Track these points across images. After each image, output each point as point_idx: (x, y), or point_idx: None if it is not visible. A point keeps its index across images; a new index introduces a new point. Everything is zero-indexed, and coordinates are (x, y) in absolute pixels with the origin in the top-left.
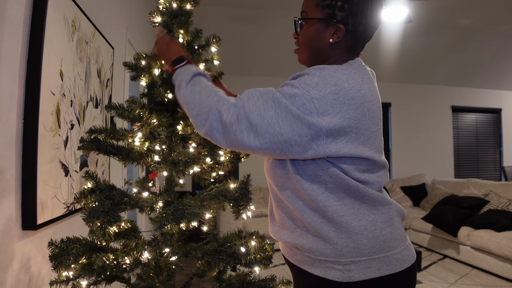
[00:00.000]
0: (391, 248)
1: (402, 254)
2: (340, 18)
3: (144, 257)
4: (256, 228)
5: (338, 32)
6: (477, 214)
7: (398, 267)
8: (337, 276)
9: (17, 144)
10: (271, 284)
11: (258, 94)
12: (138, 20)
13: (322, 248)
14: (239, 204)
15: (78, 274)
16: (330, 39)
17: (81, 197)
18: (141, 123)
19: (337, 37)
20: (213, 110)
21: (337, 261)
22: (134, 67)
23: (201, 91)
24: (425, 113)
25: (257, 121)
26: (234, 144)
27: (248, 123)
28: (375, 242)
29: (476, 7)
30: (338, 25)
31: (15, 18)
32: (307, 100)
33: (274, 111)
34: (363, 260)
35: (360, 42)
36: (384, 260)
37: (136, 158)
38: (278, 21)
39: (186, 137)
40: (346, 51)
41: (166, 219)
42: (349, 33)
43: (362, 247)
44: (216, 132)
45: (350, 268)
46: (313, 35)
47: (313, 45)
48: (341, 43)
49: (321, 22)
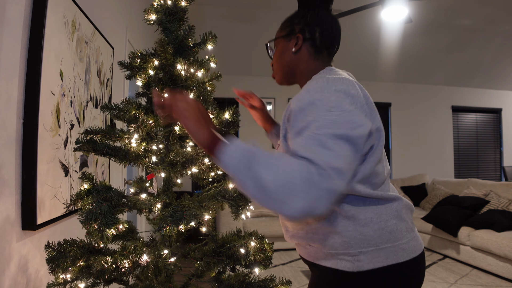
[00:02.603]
0: (397, 238)
1: (409, 244)
2: (298, 30)
3: (143, 259)
4: (256, 228)
5: (298, 40)
6: (477, 214)
7: (405, 257)
8: (347, 266)
9: (17, 144)
10: (271, 285)
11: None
12: (138, 20)
13: (332, 241)
14: (238, 204)
15: (76, 277)
16: (293, 48)
17: (77, 199)
18: (137, 124)
19: (298, 45)
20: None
21: (347, 252)
22: (129, 66)
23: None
24: (425, 113)
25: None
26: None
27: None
28: (381, 233)
29: (476, 7)
30: (297, 35)
31: (15, 18)
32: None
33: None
34: (370, 250)
35: (322, 48)
36: (391, 250)
37: (133, 159)
38: (277, 21)
39: (183, 137)
40: (312, 58)
41: (165, 221)
42: (308, 40)
43: (369, 238)
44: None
45: (359, 258)
46: (281, 51)
47: (283, 60)
48: (303, 50)
49: (284, 37)
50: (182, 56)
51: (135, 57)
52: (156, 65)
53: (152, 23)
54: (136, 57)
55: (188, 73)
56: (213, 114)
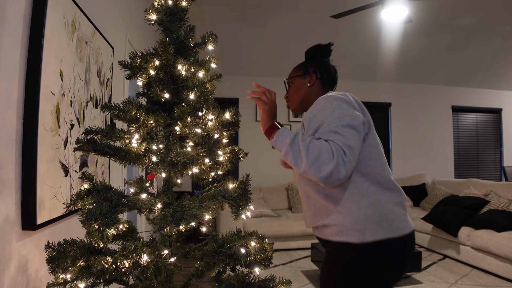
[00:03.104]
0: (392, 219)
1: (402, 224)
2: (312, 71)
3: (143, 259)
4: (256, 228)
5: (312, 78)
6: (477, 214)
7: (399, 233)
8: (355, 239)
9: (16, 144)
10: (271, 284)
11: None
12: (138, 20)
13: (342, 220)
14: (238, 204)
15: (76, 277)
16: (308, 83)
17: (77, 199)
18: (138, 124)
19: (312, 81)
20: (336, 161)
21: (354, 228)
22: (130, 66)
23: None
24: (425, 113)
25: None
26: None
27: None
28: (380, 214)
29: (476, 7)
30: (311, 75)
31: (14, 18)
32: (346, 109)
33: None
34: (372, 227)
35: (327, 84)
36: (388, 227)
37: (133, 159)
38: (277, 20)
39: (183, 137)
40: (321, 90)
41: (165, 221)
42: (318, 79)
43: (371, 218)
44: (339, 173)
45: (364, 233)
46: (297, 85)
47: (300, 93)
48: (316, 85)
49: (300, 76)
50: (182, 56)
51: (135, 57)
52: (157, 65)
53: (153, 23)
54: (136, 57)
55: (189, 73)
56: (214, 114)
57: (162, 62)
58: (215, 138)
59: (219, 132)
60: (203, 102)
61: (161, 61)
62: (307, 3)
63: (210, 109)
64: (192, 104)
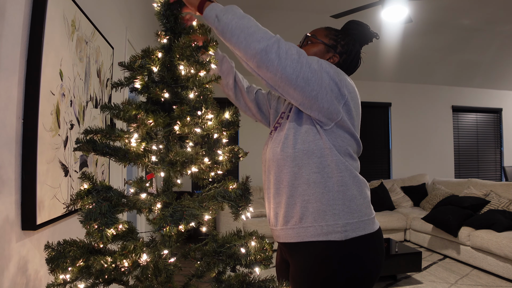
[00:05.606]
0: (370, 213)
1: (374, 219)
2: (338, 51)
3: (142, 259)
4: (256, 228)
5: (334, 57)
6: (477, 214)
7: (374, 228)
8: (337, 236)
9: (16, 144)
10: (271, 285)
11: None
12: (137, 20)
13: (323, 214)
14: (238, 205)
15: (76, 277)
16: (327, 58)
17: (77, 199)
18: (137, 124)
19: (332, 60)
20: (278, 37)
21: (336, 223)
22: (130, 67)
23: (252, 20)
24: (425, 113)
25: (314, 65)
26: (285, 69)
27: (307, 61)
28: (361, 208)
29: (476, 7)
30: (335, 54)
31: (14, 17)
32: (339, 74)
33: (325, 67)
34: (354, 222)
35: (343, 69)
36: (367, 222)
37: (133, 159)
38: (276, 20)
39: (183, 137)
40: None
41: (164, 221)
42: (337, 64)
43: (353, 211)
44: (274, 52)
45: (346, 229)
46: (315, 51)
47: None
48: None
49: (326, 46)
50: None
51: (136, 59)
52: (159, 57)
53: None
54: (138, 58)
55: (189, 74)
56: (213, 113)
57: (165, 59)
58: (215, 137)
59: (219, 132)
60: (202, 101)
61: (165, 57)
62: (307, 3)
63: (209, 109)
64: (191, 103)
